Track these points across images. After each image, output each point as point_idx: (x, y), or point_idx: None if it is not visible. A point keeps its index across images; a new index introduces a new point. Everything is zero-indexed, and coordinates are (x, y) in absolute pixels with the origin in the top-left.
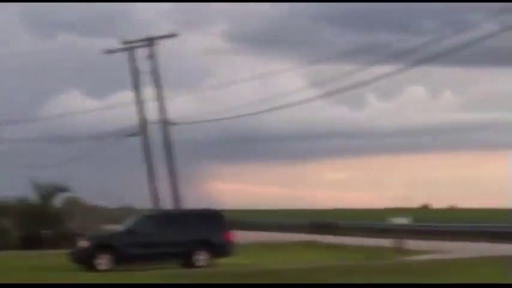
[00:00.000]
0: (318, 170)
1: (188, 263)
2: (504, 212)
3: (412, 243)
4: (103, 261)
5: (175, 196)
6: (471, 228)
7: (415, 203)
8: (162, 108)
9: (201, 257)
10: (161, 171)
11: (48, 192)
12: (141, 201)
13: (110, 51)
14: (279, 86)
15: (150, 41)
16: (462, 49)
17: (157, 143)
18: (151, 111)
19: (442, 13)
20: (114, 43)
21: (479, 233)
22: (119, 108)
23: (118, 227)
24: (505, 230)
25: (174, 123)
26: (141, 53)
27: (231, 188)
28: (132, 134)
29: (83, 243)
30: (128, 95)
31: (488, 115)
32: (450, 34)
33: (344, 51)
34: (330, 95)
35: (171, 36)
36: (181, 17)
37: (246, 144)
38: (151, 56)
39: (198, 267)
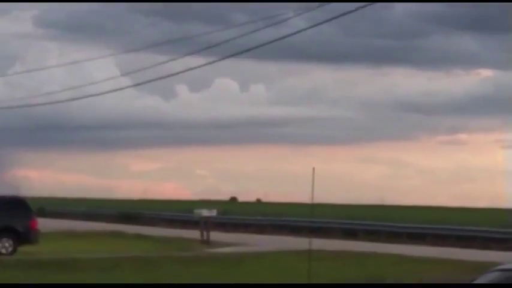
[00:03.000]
0: (127, 160)
1: None
2: (308, 207)
3: (217, 235)
4: None
5: None
6: (273, 222)
7: (224, 195)
8: None
9: (6, 245)
10: None
11: None
12: None
13: None
14: (90, 74)
15: None
16: (272, 43)
17: None
18: None
19: (254, 7)
20: None
21: (281, 226)
22: None
23: None
24: (305, 224)
25: None
26: None
27: (37, 176)
28: None
29: None
30: None
31: (297, 110)
32: (261, 28)
33: (156, 42)
34: (141, 85)
35: None
36: None
37: (54, 131)
38: None
39: (2, 254)
